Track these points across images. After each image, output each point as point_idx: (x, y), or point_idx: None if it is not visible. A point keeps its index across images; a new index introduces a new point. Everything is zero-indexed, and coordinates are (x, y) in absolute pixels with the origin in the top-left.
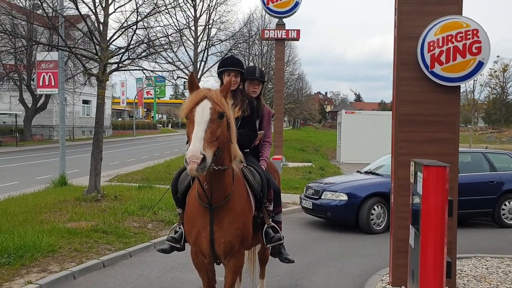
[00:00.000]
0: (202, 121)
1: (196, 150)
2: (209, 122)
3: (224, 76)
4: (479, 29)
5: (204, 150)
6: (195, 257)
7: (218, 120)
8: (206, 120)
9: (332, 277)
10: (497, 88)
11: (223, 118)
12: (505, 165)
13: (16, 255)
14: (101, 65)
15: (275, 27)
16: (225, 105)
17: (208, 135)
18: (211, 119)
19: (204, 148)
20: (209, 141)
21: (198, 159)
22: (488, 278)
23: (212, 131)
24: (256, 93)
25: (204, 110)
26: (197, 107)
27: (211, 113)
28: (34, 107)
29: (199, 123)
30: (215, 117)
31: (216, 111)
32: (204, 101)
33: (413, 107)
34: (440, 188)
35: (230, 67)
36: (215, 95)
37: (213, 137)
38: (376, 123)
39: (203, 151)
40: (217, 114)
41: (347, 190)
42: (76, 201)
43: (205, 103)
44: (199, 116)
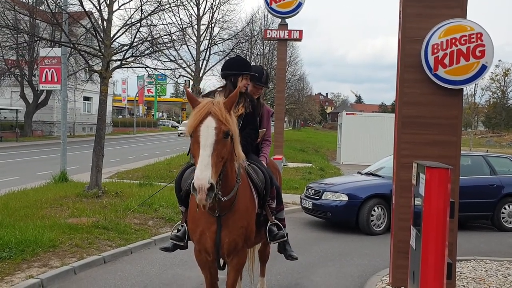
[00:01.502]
0: (207, 144)
1: (204, 179)
2: (214, 144)
3: (241, 79)
4: (483, 32)
5: (212, 177)
6: (199, 254)
7: (224, 140)
8: (211, 143)
9: (332, 277)
10: (497, 92)
11: (228, 137)
12: (505, 169)
13: (17, 249)
14: (104, 62)
15: (277, 27)
16: (230, 121)
17: (214, 159)
18: (217, 140)
19: (212, 175)
20: (215, 165)
21: (205, 189)
22: (487, 280)
23: (218, 153)
24: (257, 95)
25: (209, 130)
26: (201, 125)
27: (216, 133)
28: (35, 103)
29: (204, 146)
30: (221, 137)
31: (221, 131)
32: (208, 119)
33: (416, 109)
34: (442, 189)
35: (249, 72)
36: (219, 111)
37: (219, 159)
38: (377, 125)
39: (211, 179)
40: (223, 134)
41: (347, 190)
42: (77, 197)
43: (209, 122)
44: (204, 137)
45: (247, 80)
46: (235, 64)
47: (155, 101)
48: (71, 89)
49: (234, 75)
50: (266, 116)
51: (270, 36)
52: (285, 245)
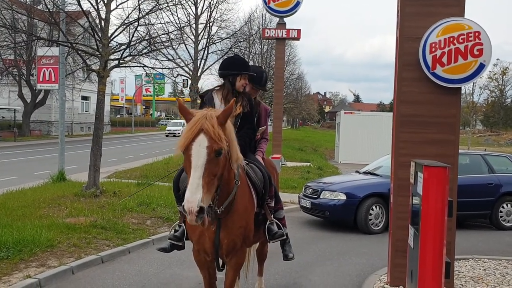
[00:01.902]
0: (198, 164)
1: (193, 201)
2: (206, 164)
3: (240, 79)
4: (481, 31)
5: (202, 200)
6: (197, 254)
7: (216, 158)
8: (202, 163)
9: (330, 276)
10: (496, 91)
11: (221, 155)
12: (503, 167)
13: (15, 249)
14: (102, 61)
15: (275, 26)
16: (223, 138)
17: (205, 179)
18: (208, 160)
19: (203, 197)
20: (207, 185)
21: (195, 211)
22: (485, 279)
23: (210, 173)
24: (254, 96)
25: (201, 149)
26: (193, 143)
27: (208, 153)
28: (33, 102)
29: (195, 167)
30: (212, 156)
31: (213, 150)
32: (200, 137)
33: (414, 108)
34: (440, 188)
35: (246, 71)
36: (211, 127)
37: (211, 178)
38: (375, 124)
39: (201, 202)
40: (214, 153)
41: (345, 190)
42: (75, 196)
43: (201, 140)
44: (195, 157)
45: (245, 80)
46: (234, 63)
47: (153, 101)
48: (69, 89)
49: (232, 75)
50: (264, 114)
51: (268, 35)
52: (284, 244)
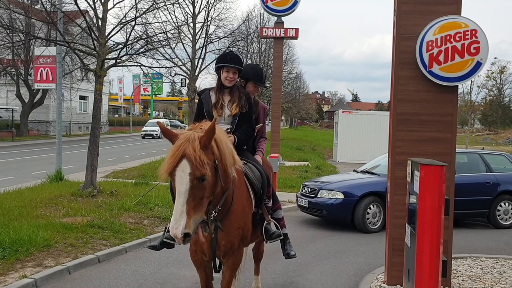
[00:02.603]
0: (181, 191)
1: (177, 228)
2: (190, 190)
3: (223, 71)
4: (477, 29)
5: (187, 227)
6: (194, 254)
7: (199, 184)
8: (185, 190)
9: (327, 275)
10: (494, 90)
11: (205, 180)
12: (501, 166)
13: (11, 249)
14: (99, 61)
15: (273, 25)
16: (205, 163)
17: (190, 204)
18: (191, 186)
19: (187, 223)
20: (193, 209)
21: (180, 238)
22: (483, 278)
23: (195, 197)
24: (255, 95)
25: (183, 175)
26: (176, 169)
27: (191, 179)
28: (31, 102)
29: (179, 193)
30: (195, 183)
31: (195, 177)
32: (182, 163)
33: (411, 106)
34: (437, 187)
35: (229, 64)
36: (193, 152)
37: (196, 201)
38: (373, 123)
39: (185, 229)
40: (197, 179)
41: (343, 188)
42: (72, 196)
43: (183, 166)
44: (178, 183)
45: (228, 73)
46: (221, 57)
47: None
48: (67, 88)
49: (218, 69)
50: (262, 113)
51: (266, 34)
52: (285, 244)
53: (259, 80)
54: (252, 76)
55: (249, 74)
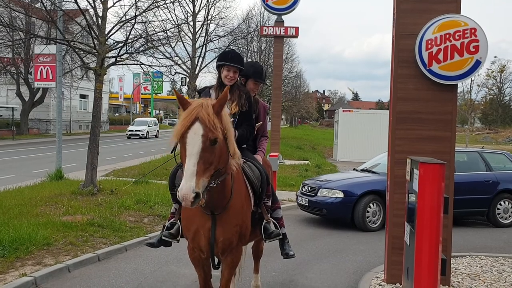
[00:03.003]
0: (193, 152)
1: (187, 189)
2: (201, 152)
3: (223, 70)
4: (477, 28)
5: (197, 186)
6: (192, 252)
7: (211, 147)
8: (197, 151)
9: (327, 273)
10: (494, 89)
11: (216, 144)
12: (501, 165)
13: (11, 247)
14: (99, 59)
15: (273, 24)
16: (218, 127)
17: (200, 167)
18: (203, 148)
19: (197, 183)
20: (202, 172)
21: (190, 197)
22: (482, 276)
23: (205, 161)
24: (255, 92)
25: (196, 137)
26: (189, 132)
27: (203, 141)
28: (31, 100)
29: (190, 154)
30: (207, 145)
31: (208, 138)
32: (195, 125)
33: (410, 105)
34: (436, 185)
35: (230, 63)
36: (207, 116)
37: (206, 165)
38: (373, 121)
39: (196, 188)
40: (209, 141)
41: (343, 187)
42: (72, 194)
43: (196, 128)
44: (190, 145)
45: (228, 72)
46: (222, 55)
47: (151, 99)
48: (67, 87)
49: (219, 67)
50: (263, 111)
51: (266, 33)
52: (283, 244)
53: (259, 77)
54: (252, 73)
55: (249, 72)
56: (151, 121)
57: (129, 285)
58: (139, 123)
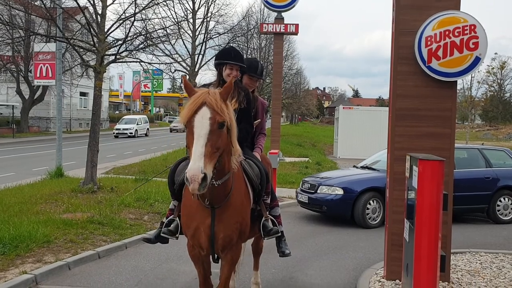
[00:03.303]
0: (201, 134)
1: (196, 169)
2: (208, 135)
3: (226, 69)
4: (476, 24)
5: (205, 167)
6: (192, 249)
7: (218, 130)
8: (205, 133)
9: (326, 270)
10: (494, 86)
11: (224, 127)
12: (501, 161)
13: (11, 245)
14: (99, 57)
15: (273, 21)
16: (225, 112)
17: (208, 149)
18: (211, 131)
19: (205, 165)
20: (209, 155)
21: (199, 179)
22: (482, 272)
23: (213, 144)
24: (253, 88)
25: (203, 121)
26: (196, 116)
27: (211, 123)
28: (31, 98)
29: (198, 136)
30: (215, 128)
31: (216, 121)
32: (203, 109)
33: (410, 102)
34: (435, 182)
35: (234, 61)
36: (214, 101)
37: (213, 149)
38: (373, 118)
39: (204, 169)
40: (217, 124)
41: (343, 184)
42: (72, 192)
43: (204, 112)
44: (198, 128)
45: (232, 70)
46: (223, 53)
47: (151, 96)
48: (67, 85)
49: (219, 65)
50: (261, 108)
51: (266, 30)
52: (280, 242)
53: (253, 71)
54: (247, 68)
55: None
56: (141, 118)
57: (129, 282)
58: (127, 121)
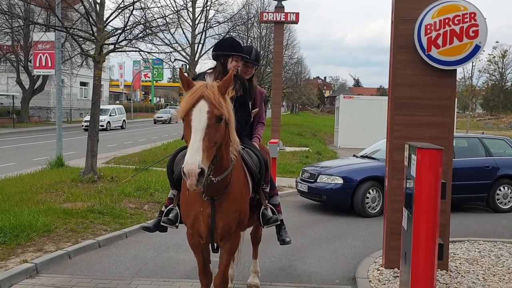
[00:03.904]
0: (199, 128)
1: (193, 163)
2: (206, 129)
3: (231, 60)
4: (476, 12)
5: (202, 161)
6: (192, 238)
7: (216, 124)
8: (203, 127)
9: (325, 258)
10: (495, 75)
11: (222, 121)
12: (501, 150)
13: (11, 234)
14: (98, 46)
15: (274, 10)
16: (223, 105)
17: (206, 143)
18: (209, 125)
19: (203, 159)
20: (207, 150)
21: (196, 173)
22: (480, 261)
23: (210, 138)
24: (249, 75)
25: (201, 114)
26: (193, 109)
27: (209, 117)
28: (31, 88)
29: (196, 130)
30: (213, 121)
31: (213, 115)
32: (200, 103)
33: (409, 91)
34: (433, 170)
35: (240, 53)
36: (212, 94)
37: (211, 143)
38: (374, 108)
39: (201, 163)
40: (215, 118)
41: (342, 173)
42: (73, 182)
43: (202, 105)
44: (196, 121)
45: (237, 62)
46: (226, 44)
47: (152, 86)
48: (67, 74)
49: (224, 56)
50: (259, 98)
51: (266, 19)
52: (280, 230)
53: (248, 57)
54: None
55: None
56: (115, 109)
57: (129, 271)
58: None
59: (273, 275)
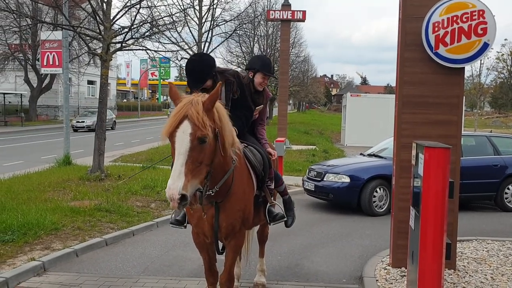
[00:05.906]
0: (181, 151)
1: (174, 189)
2: (189, 152)
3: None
4: (485, 9)
5: (184, 188)
6: (197, 237)
7: (199, 146)
8: (185, 150)
9: (332, 257)
10: (504, 72)
11: (205, 142)
12: (509, 149)
13: (19, 232)
14: (105, 45)
15: (280, 8)
16: (207, 125)
17: (189, 166)
18: (191, 148)
19: (185, 185)
20: (191, 172)
21: (177, 199)
22: (488, 260)
23: (194, 160)
24: (265, 85)
25: (184, 136)
26: (177, 131)
27: (191, 140)
28: (39, 87)
29: (178, 154)
30: (195, 144)
31: (196, 137)
32: (184, 124)
33: (417, 89)
34: (441, 169)
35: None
36: (195, 113)
37: (195, 165)
38: (381, 106)
39: (182, 190)
40: (197, 140)
41: (349, 172)
42: (80, 180)
43: (185, 127)
44: (179, 144)
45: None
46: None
47: (159, 85)
48: (74, 73)
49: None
50: (266, 100)
51: (273, 17)
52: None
53: (267, 70)
54: (260, 66)
55: (257, 65)
56: None
57: (136, 269)
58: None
59: (280, 274)
